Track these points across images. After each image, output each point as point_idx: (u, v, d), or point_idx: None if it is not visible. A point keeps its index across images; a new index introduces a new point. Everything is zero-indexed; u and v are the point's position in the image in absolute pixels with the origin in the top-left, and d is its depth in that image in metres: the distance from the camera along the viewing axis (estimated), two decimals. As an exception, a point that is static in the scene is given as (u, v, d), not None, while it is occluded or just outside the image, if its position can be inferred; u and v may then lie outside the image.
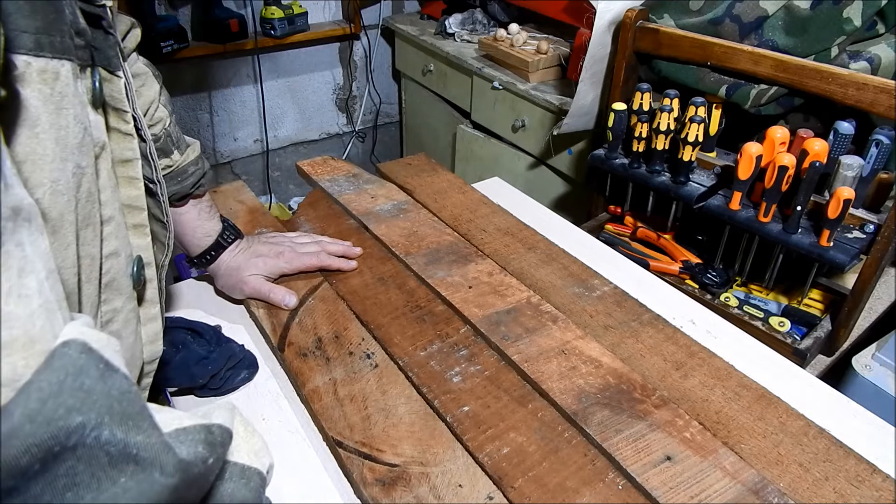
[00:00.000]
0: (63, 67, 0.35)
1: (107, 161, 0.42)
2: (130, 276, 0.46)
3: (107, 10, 0.42)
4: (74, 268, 0.37)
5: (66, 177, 0.35)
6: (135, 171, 0.47)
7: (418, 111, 2.41)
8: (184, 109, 2.19)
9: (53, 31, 0.34)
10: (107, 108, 0.43)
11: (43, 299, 0.27)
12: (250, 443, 0.39)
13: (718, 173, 1.08)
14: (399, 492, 0.57)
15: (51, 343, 0.27)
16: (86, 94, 0.39)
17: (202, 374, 0.68)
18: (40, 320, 0.27)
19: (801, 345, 0.98)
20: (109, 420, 0.27)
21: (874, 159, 0.92)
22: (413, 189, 1.04)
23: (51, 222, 0.34)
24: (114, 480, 0.26)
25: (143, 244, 0.49)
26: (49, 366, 0.26)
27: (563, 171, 1.75)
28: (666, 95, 1.05)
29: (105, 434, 0.26)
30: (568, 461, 0.60)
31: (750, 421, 0.65)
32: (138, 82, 0.65)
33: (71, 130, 0.35)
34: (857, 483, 0.59)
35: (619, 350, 0.73)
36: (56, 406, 0.25)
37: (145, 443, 0.27)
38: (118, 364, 0.29)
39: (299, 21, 2.16)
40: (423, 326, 0.75)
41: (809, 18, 1.00)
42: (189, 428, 0.32)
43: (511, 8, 2.06)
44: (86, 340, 0.28)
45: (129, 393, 0.28)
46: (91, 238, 0.39)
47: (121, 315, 0.45)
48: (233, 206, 0.98)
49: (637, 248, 1.21)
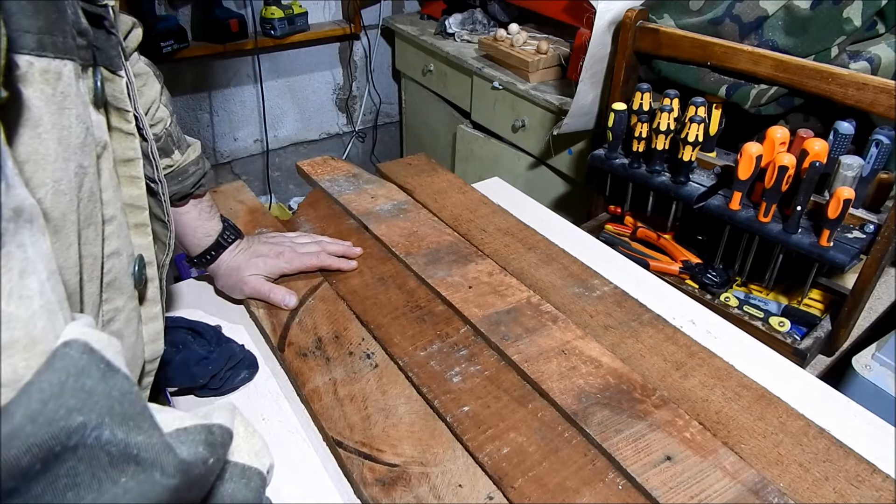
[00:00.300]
0: (65, 67, 0.35)
1: (108, 161, 0.42)
2: (132, 275, 0.46)
3: (109, 10, 0.42)
4: (76, 267, 0.37)
5: (69, 176, 0.35)
6: (136, 170, 0.48)
7: (418, 111, 2.41)
8: (184, 109, 2.19)
9: (56, 31, 0.34)
10: (108, 108, 0.44)
11: (44, 300, 0.27)
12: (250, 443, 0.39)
13: (718, 173, 1.08)
14: (399, 492, 0.57)
15: (52, 344, 0.27)
16: (88, 94, 0.39)
17: (202, 374, 0.68)
18: (41, 321, 0.27)
19: (801, 345, 0.98)
20: (110, 420, 0.27)
21: (874, 159, 0.92)
22: (413, 189, 1.04)
23: (53, 222, 0.34)
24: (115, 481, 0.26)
25: (144, 243, 0.50)
26: (50, 366, 0.26)
27: (563, 171, 1.75)
28: (666, 95, 1.06)
29: (106, 434, 0.26)
30: (568, 461, 0.60)
31: (750, 421, 0.65)
32: (139, 82, 0.65)
33: (73, 130, 0.36)
34: (857, 483, 0.59)
35: (619, 350, 0.73)
36: (57, 406, 0.25)
37: (146, 443, 0.28)
38: (119, 364, 0.29)
39: (299, 21, 2.16)
40: (423, 326, 0.76)
41: (809, 18, 1.00)
42: (190, 428, 0.32)
43: (511, 8, 2.06)
44: (87, 341, 0.28)
45: (130, 393, 0.28)
46: (93, 237, 0.39)
47: (122, 314, 0.45)
48: (233, 206, 0.98)
49: (637, 248, 1.21)
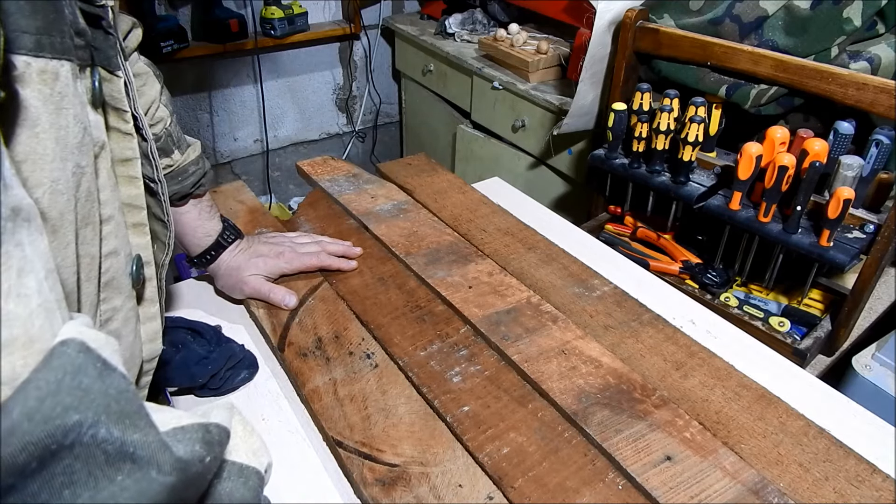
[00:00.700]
0: (63, 68, 0.35)
1: (106, 160, 0.42)
2: (130, 274, 0.46)
3: (107, 10, 0.42)
4: (74, 267, 0.37)
5: (66, 176, 0.35)
6: (134, 170, 0.48)
7: (418, 111, 2.41)
8: (184, 109, 2.19)
9: (53, 31, 0.34)
10: (106, 108, 0.44)
11: (42, 299, 0.27)
12: (249, 442, 0.39)
13: (718, 173, 1.08)
14: (399, 492, 0.57)
15: (50, 342, 0.27)
16: (85, 94, 0.39)
17: (202, 373, 0.68)
18: (39, 320, 0.27)
19: (801, 345, 0.98)
20: (106, 419, 0.27)
21: (874, 159, 0.92)
22: (413, 189, 1.04)
23: (50, 222, 0.34)
24: (111, 479, 0.26)
25: (142, 243, 0.50)
26: (47, 364, 0.26)
27: (563, 171, 1.75)
28: (666, 95, 1.05)
29: (102, 432, 0.26)
30: (568, 461, 0.60)
31: (750, 421, 0.65)
32: (139, 82, 0.65)
33: (71, 130, 0.36)
34: (857, 483, 0.59)
35: (619, 350, 0.73)
36: (54, 404, 0.25)
37: (142, 441, 0.28)
38: (116, 363, 0.29)
39: (299, 21, 2.16)
40: (423, 326, 0.75)
41: (809, 18, 1.00)
42: (187, 427, 0.32)
43: (511, 8, 2.06)
44: (84, 340, 0.28)
45: (127, 392, 0.28)
46: (90, 237, 0.39)
47: (120, 314, 0.45)
48: (233, 206, 0.98)
49: (637, 248, 1.21)
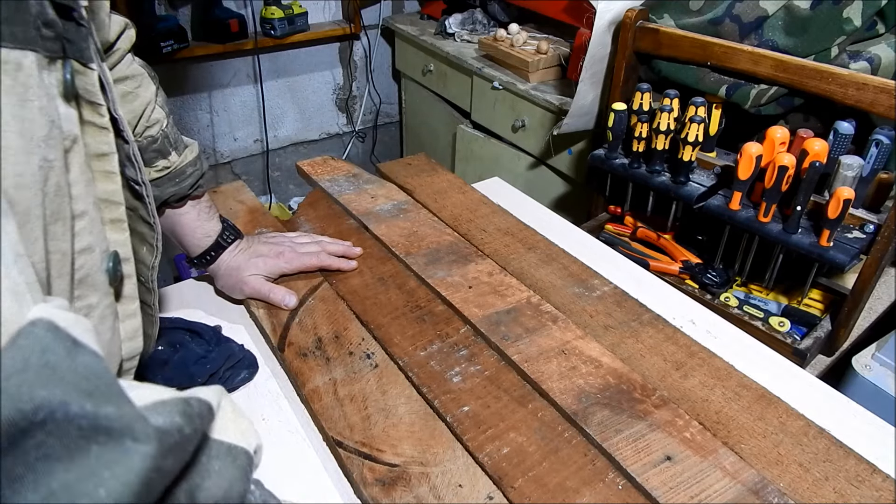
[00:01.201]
0: (26, 58, 0.34)
1: (79, 155, 0.41)
2: (106, 271, 0.45)
3: (78, 2, 0.42)
4: (43, 263, 0.37)
5: (32, 170, 0.34)
6: (111, 165, 0.47)
7: (418, 111, 2.41)
8: (183, 109, 2.19)
9: (15, 21, 0.34)
10: (80, 101, 0.43)
11: (10, 282, 0.28)
12: (237, 423, 0.39)
13: (718, 173, 1.08)
14: (399, 492, 0.57)
15: (19, 325, 0.27)
16: (57, 87, 0.38)
17: (201, 373, 0.68)
18: (7, 302, 0.27)
19: (801, 345, 0.98)
20: (77, 395, 0.27)
21: (874, 159, 0.92)
22: (413, 189, 1.04)
23: (16, 217, 0.33)
24: (86, 451, 0.26)
25: (120, 239, 0.48)
26: (14, 343, 0.26)
27: (563, 171, 1.75)
28: (666, 95, 1.05)
29: (74, 409, 0.26)
30: (568, 461, 0.60)
31: (750, 421, 0.65)
32: (134, 83, 0.64)
33: (36, 123, 0.35)
34: (857, 483, 0.59)
35: (619, 350, 0.73)
36: (20, 383, 0.25)
37: (116, 414, 0.28)
38: (87, 342, 0.29)
39: (299, 21, 2.16)
40: (423, 326, 0.75)
41: (809, 18, 1.00)
42: (168, 401, 0.32)
43: (511, 8, 2.06)
44: (52, 319, 0.28)
45: (98, 369, 0.28)
46: (61, 233, 0.39)
47: (96, 311, 0.45)
48: (233, 206, 0.98)
49: (637, 248, 1.21)
